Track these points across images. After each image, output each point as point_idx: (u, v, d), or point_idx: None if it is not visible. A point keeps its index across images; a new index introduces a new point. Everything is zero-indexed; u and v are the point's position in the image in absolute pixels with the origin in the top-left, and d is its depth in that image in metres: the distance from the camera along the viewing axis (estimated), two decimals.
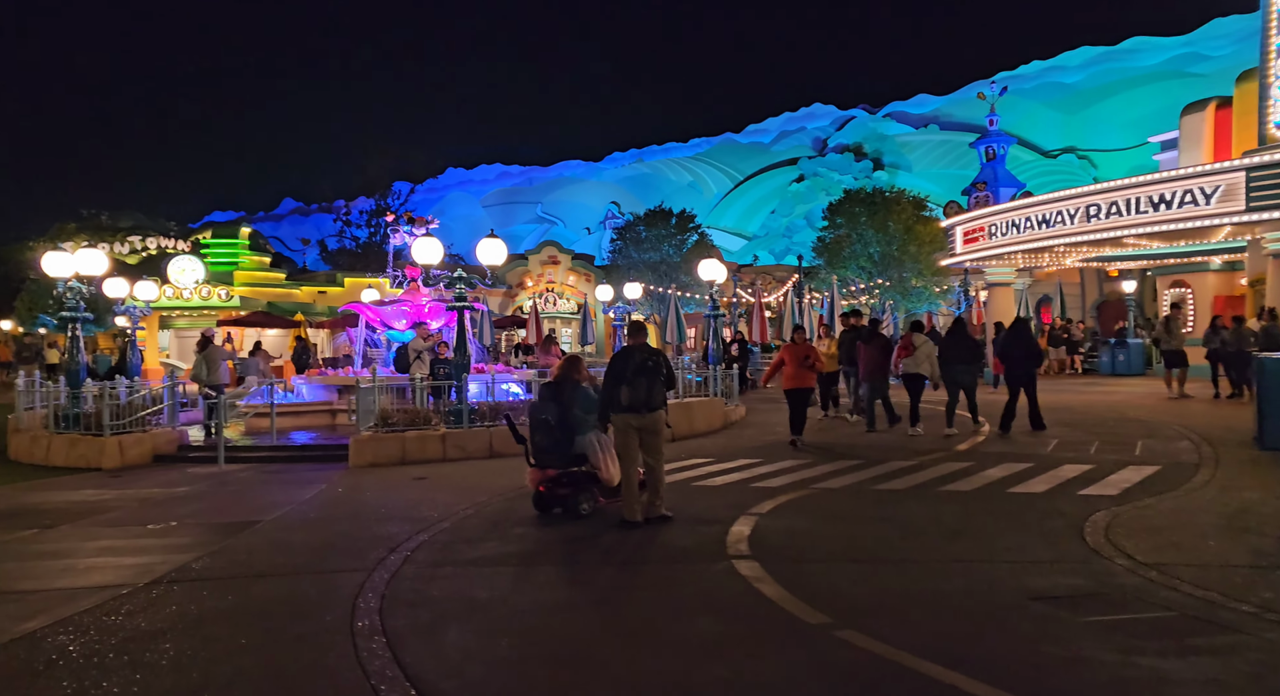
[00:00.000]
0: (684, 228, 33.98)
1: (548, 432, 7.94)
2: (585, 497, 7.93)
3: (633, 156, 78.34)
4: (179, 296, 33.64)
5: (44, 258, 13.00)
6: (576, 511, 7.86)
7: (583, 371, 8.23)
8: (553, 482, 8.03)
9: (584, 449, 7.91)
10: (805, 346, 12.15)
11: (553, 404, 7.96)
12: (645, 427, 7.49)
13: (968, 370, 12.69)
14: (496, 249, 12.61)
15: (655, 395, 7.46)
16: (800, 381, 11.90)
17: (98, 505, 9.34)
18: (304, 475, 11.26)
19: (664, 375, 7.51)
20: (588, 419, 7.92)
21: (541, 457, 8.07)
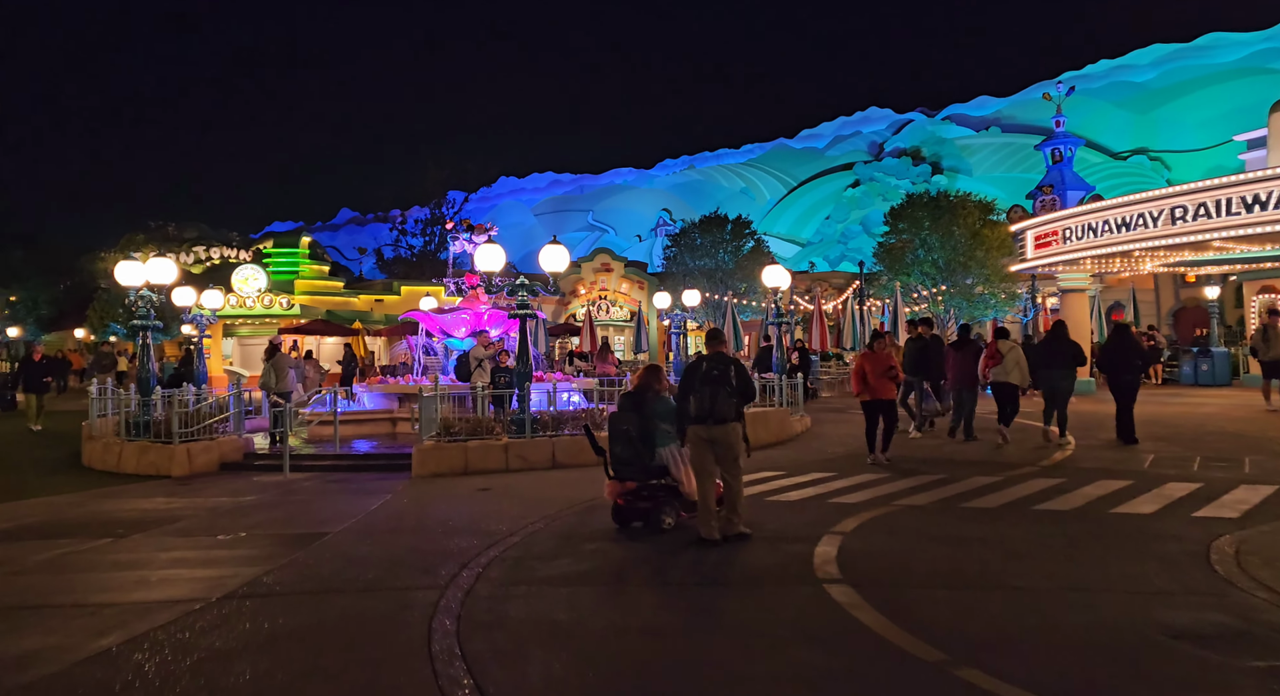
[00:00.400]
0: (739, 234, 33.56)
1: (628, 444, 7.67)
2: (667, 511, 7.64)
3: (684, 163, 78.06)
4: (242, 305, 34.30)
5: (116, 267, 13.19)
6: (658, 526, 7.57)
7: (663, 380, 7.96)
8: (632, 495, 7.76)
9: (665, 461, 7.63)
10: (887, 355, 11.30)
11: (633, 414, 7.69)
12: (717, 440, 7.17)
13: (1067, 375, 12.09)
14: (559, 255, 12.42)
15: (720, 406, 7.11)
16: (879, 392, 11.16)
17: (168, 514, 9.34)
18: (368, 484, 11.18)
19: (732, 385, 7.14)
20: (669, 430, 7.64)
21: (621, 469, 7.81)
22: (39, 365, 19.70)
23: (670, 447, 7.64)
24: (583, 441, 12.24)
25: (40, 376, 19.26)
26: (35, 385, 19.00)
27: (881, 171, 61.23)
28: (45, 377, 19.62)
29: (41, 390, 19.11)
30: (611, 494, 7.86)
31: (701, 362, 7.29)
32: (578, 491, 9.98)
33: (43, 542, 7.97)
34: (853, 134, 68.80)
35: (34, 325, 50.60)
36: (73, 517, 9.32)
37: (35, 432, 17.92)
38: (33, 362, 19.76)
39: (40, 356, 20.37)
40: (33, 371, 19.30)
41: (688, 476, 7.54)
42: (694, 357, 7.63)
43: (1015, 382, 12.11)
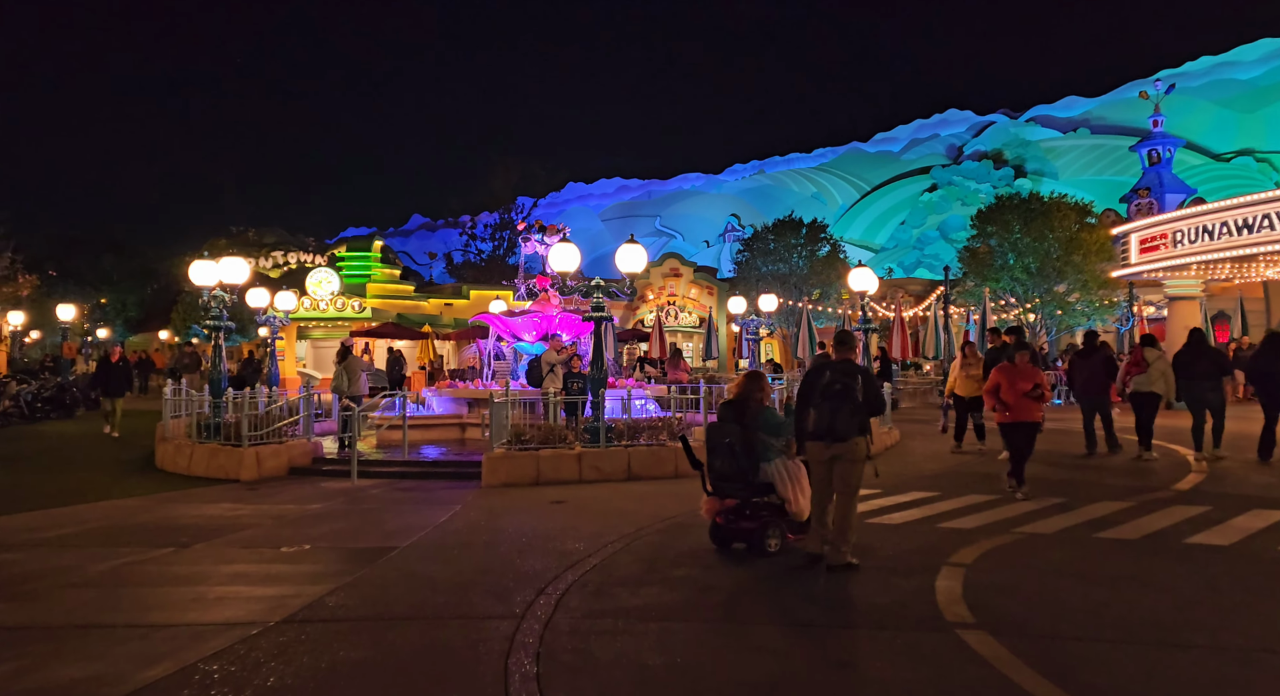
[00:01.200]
0: (815, 238, 32.50)
1: (729, 457, 6.96)
2: (773, 533, 6.90)
3: (754, 168, 76.85)
4: (315, 308, 34.72)
5: (190, 266, 13.08)
6: (762, 548, 6.84)
7: (766, 389, 7.23)
8: (733, 514, 7.06)
9: (770, 477, 6.91)
10: (1032, 370, 9.42)
11: (734, 425, 6.98)
12: (839, 457, 6.42)
13: (1214, 386, 10.96)
14: (636, 256, 11.79)
15: (841, 422, 6.35)
16: (1022, 413, 9.28)
17: (233, 521, 8.99)
18: (437, 494, 10.70)
19: (857, 401, 6.36)
20: (773, 443, 6.91)
21: (720, 485, 7.11)
22: (117, 367, 18.43)
23: (776, 462, 6.92)
24: (660, 452, 11.59)
25: (118, 379, 18.19)
26: (113, 388, 18.00)
27: (960, 175, 59.01)
28: (124, 380, 18.50)
29: (118, 393, 18.06)
30: (709, 511, 7.16)
31: (823, 372, 6.54)
32: (658, 506, 9.31)
33: (105, 550, 7.65)
34: (930, 137, 66.58)
35: (122, 326, 52.47)
36: (138, 523, 9.04)
37: (113, 438, 17.04)
38: (110, 364, 18.45)
39: (119, 357, 18.89)
40: (110, 374, 18.21)
41: (795, 494, 6.82)
42: (815, 363, 6.87)
43: (1159, 393, 11.00)
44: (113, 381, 17.98)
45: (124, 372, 18.59)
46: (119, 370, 18.30)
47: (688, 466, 11.90)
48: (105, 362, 18.71)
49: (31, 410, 20.54)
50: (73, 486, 11.62)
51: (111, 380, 17.99)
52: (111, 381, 17.99)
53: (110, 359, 18.66)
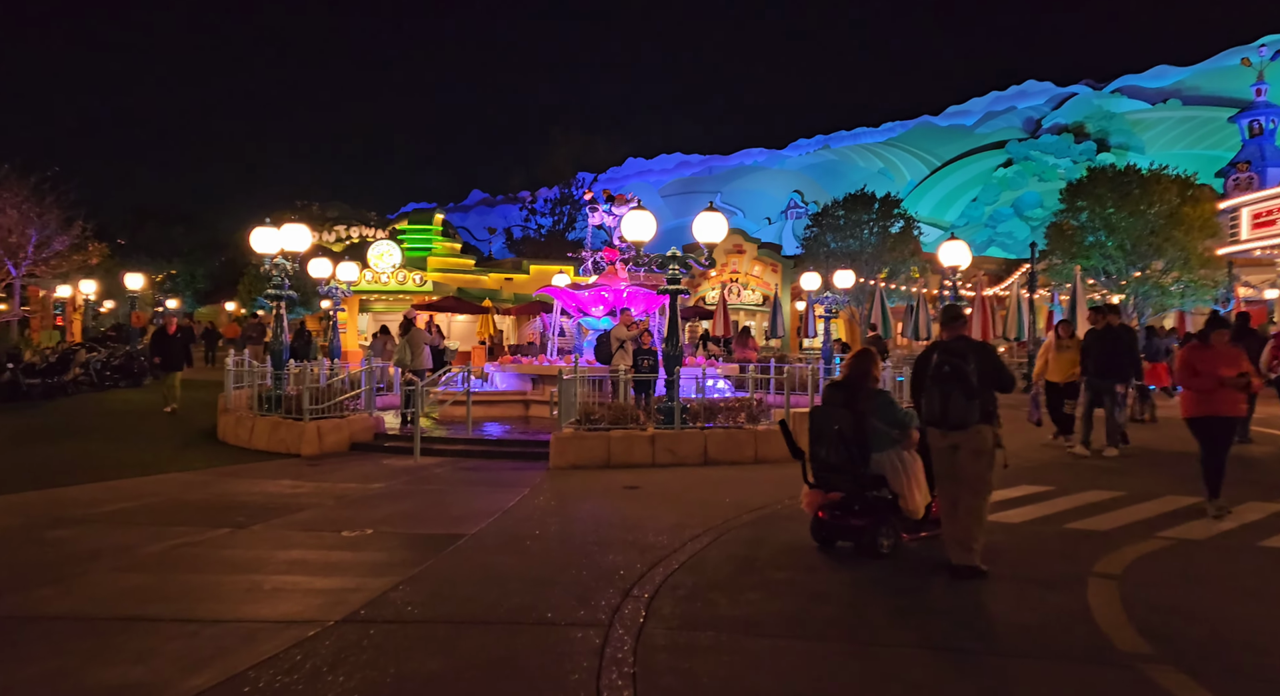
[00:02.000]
0: (888, 213, 31.12)
1: (836, 445, 6.18)
2: (885, 532, 6.11)
3: (819, 143, 74.75)
4: (377, 281, 34.66)
5: (251, 234, 12.68)
6: (873, 549, 6.06)
7: (879, 369, 6.40)
8: (839, 509, 6.29)
9: (882, 468, 6.11)
10: (1235, 352, 7.47)
11: (844, 410, 6.18)
12: (959, 447, 5.60)
13: None
14: (715, 224, 10.96)
15: (954, 408, 5.52)
16: (1220, 406, 7.27)
17: (293, 501, 8.52)
18: (502, 475, 10.12)
19: (970, 382, 5.51)
20: (888, 432, 6.11)
21: (825, 476, 6.34)
22: (174, 340, 16.78)
23: (890, 452, 6.12)
24: (739, 436, 10.82)
25: (175, 352, 16.61)
26: (169, 361, 16.49)
27: (1038, 150, 56.22)
28: (181, 353, 16.87)
29: (176, 367, 16.56)
30: (811, 505, 6.40)
31: (931, 354, 5.71)
32: (741, 495, 8.56)
33: (160, 529, 7.22)
34: (1006, 109, 63.58)
35: (191, 297, 53.58)
36: (196, 499, 8.64)
37: (170, 415, 15.75)
38: (166, 337, 16.83)
39: (176, 329, 17.16)
40: (167, 347, 16.65)
41: (910, 489, 6.01)
42: (929, 345, 6.03)
43: None
44: (169, 355, 16.60)
45: (181, 346, 17.05)
46: (176, 343, 16.84)
47: (768, 451, 11.18)
48: (161, 335, 17.21)
49: (101, 378, 20.67)
50: (134, 458, 11.37)
51: (168, 354, 16.62)
52: (168, 355, 16.61)
53: (167, 330, 17.11)
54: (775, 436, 10.85)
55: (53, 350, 21.14)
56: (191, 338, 30.34)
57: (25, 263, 22.77)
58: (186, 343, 17.80)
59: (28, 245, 22.40)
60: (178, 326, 17.42)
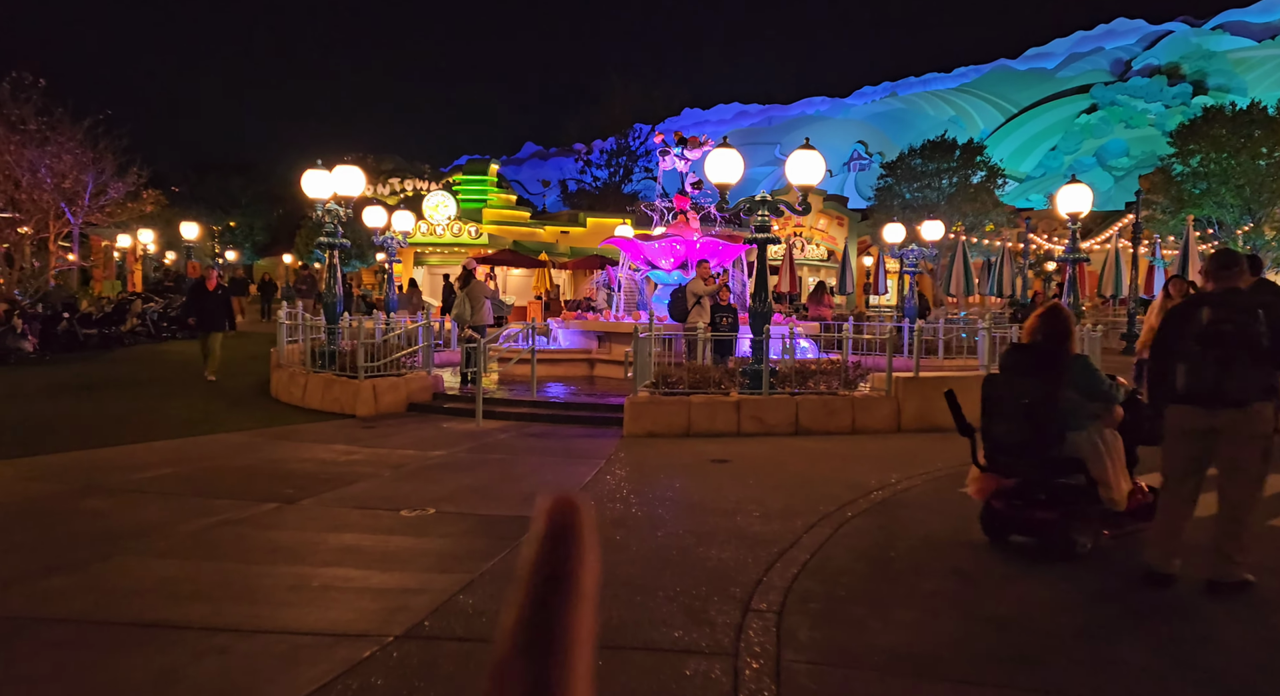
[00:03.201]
0: (969, 161, 29.14)
1: (1018, 421, 5.05)
2: (1082, 528, 5.00)
3: (885, 90, 71.30)
4: (432, 233, 33.98)
5: (303, 178, 11.82)
6: (1066, 547, 4.96)
7: (1075, 331, 5.23)
8: (1018, 498, 5.18)
9: (1079, 451, 4.97)
10: None
11: (1032, 379, 5.03)
12: (1222, 432, 4.40)
13: None
14: (812, 164, 9.70)
15: (1235, 380, 4.29)
16: None
17: (347, 470, 7.71)
18: (573, 443, 9.20)
19: (1256, 345, 4.27)
20: (1088, 406, 4.96)
21: (1001, 458, 5.22)
22: (213, 296, 14.11)
23: (1089, 431, 4.96)
24: (834, 403, 9.71)
25: (214, 311, 14.02)
26: (207, 320, 13.92)
27: (1126, 94, 52.48)
28: (221, 311, 14.21)
29: (215, 327, 13.99)
30: (981, 491, 5.30)
31: (1199, 307, 4.49)
32: (848, 472, 7.50)
33: (200, 502, 6.45)
34: (1092, 50, 59.35)
35: (250, 249, 53.79)
36: (242, 465, 7.89)
37: (211, 382, 13.72)
38: (205, 292, 14.13)
39: (216, 284, 14.33)
40: (204, 304, 14.03)
41: (1116, 475, 4.87)
42: (1187, 299, 4.81)
43: None
44: (207, 313, 13.95)
45: (222, 303, 14.25)
46: (215, 300, 14.11)
47: (867, 420, 10.05)
48: (199, 290, 14.31)
49: (158, 329, 20.36)
50: (183, 414, 10.75)
51: (206, 312, 13.96)
52: (206, 313, 13.96)
53: (205, 286, 14.23)
54: (875, 404, 9.73)
55: (110, 300, 20.87)
56: (243, 290, 29.55)
57: (82, 212, 22.43)
58: (227, 299, 14.54)
59: (84, 191, 22.02)
60: (218, 281, 14.43)
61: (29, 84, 20.46)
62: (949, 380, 10.33)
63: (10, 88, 20.34)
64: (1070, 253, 12.32)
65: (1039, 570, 4.85)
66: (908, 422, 9.70)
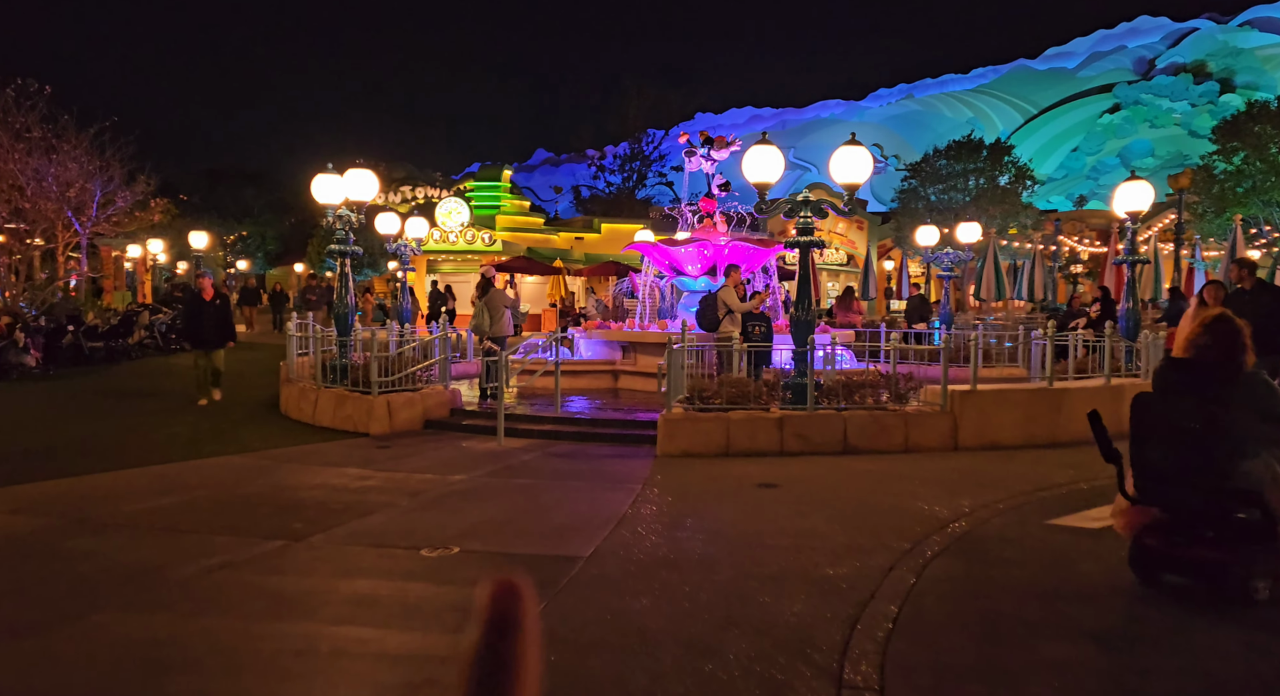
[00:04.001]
0: (997, 162, 28.31)
1: (1180, 446, 4.30)
2: (1260, 571, 4.23)
3: (901, 92, 70.36)
4: (445, 240, 33.40)
5: (313, 182, 11.21)
6: (1242, 593, 4.20)
7: (1249, 344, 4.48)
8: (1178, 534, 4.42)
9: (1254, 481, 4.20)
10: None
11: (1195, 398, 4.29)
12: None
13: None
14: (858, 161, 8.98)
15: None
16: None
17: (360, 498, 7.03)
18: (604, 464, 8.51)
19: None
20: (1264, 430, 4.22)
21: (1156, 488, 4.46)
22: (212, 308, 12.14)
23: (1267, 458, 4.20)
24: (885, 419, 8.96)
25: (213, 325, 12.08)
26: (205, 336, 12.03)
27: (1150, 93, 51.34)
28: (221, 326, 12.30)
29: (214, 344, 12.17)
30: (1130, 526, 4.55)
31: None
32: (913, 498, 6.76)
33: (199, 539, 5.79)
34: (1114, 49, 58.19)
35: (262, 259, 53.42)
36: (247, 493, 7.23)
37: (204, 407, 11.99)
38: (201, 304, 12.18)
39: (214, 295, 12.31)
40: (202, 318, 12.11)
41: None
42: None
43: None
44: (205, 329, 12.07)
45: (221, 316, 12.31)
46: (215, 313, 12.17)
47: (921, 437, 9.30)
48: (194, 302, 12.38)
49: (166, 341, 19.81)
50: (186, 434, 10.13)
51: (203, 327, 12.08)
52: (203, 329, 12.08)
53: (202, 296, 12.25)
54: (929, 420, 8.99)
55: (116, 313, 20.34)
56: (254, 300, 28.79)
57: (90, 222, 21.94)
58: (226, 311, 12.49)
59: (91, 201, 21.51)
60: (215, 290, 12.43)
61: (34, 91, 20.00)
62: (1009, 393, 9.58)
63: (15, 95, 19.88)
64: (1129, 254, 11.54)
65: (1201, 626, 4.09)
66: (966, 440, 8.95)
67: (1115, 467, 4.49)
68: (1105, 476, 6.92)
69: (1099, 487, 6.92)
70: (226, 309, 12.59)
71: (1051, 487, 7.20)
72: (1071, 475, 7.64)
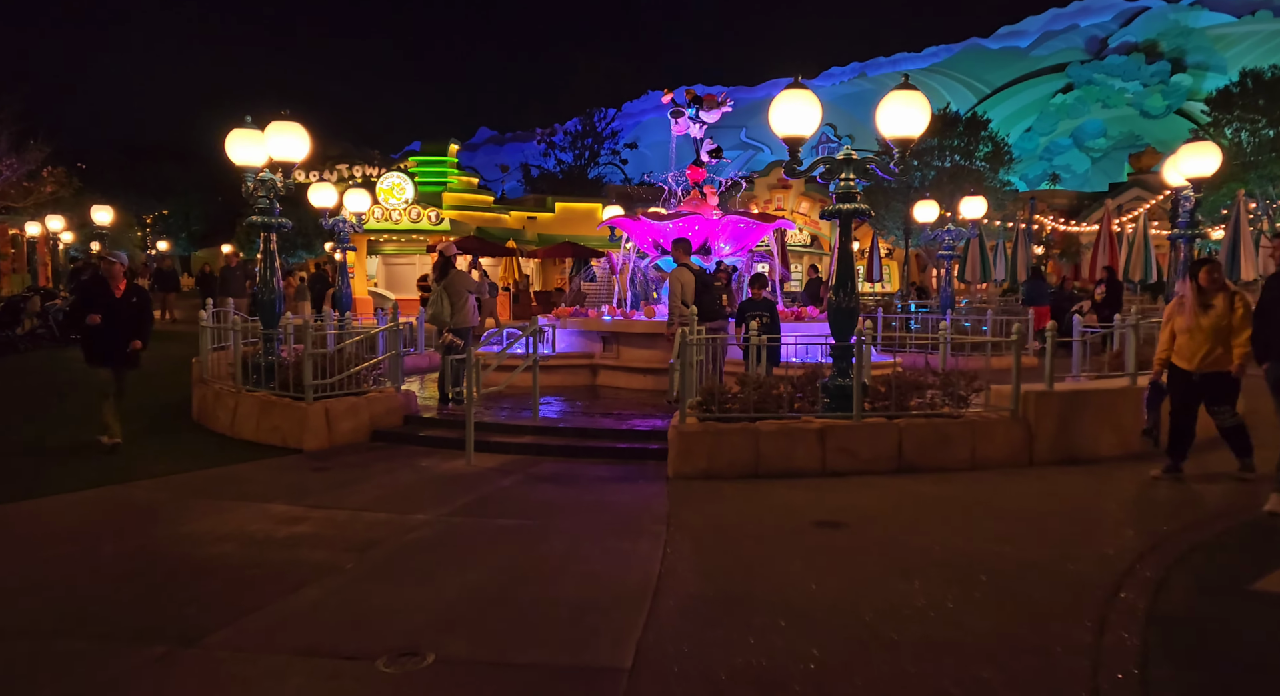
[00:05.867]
0: (975, 136, 27.13)
1: None
2: None
3: (854, 71, 69.12)
4: (387, 218, 30.92)
5: (227, 139, 9.05)
6: None
7: None
8: None
9: None
10: None
11: None
12: None
13: None
14: (913, 111, 7.26)
15: None
16: None
17: (288, 555, 5.10)
18: (605, 492, 6.71)
19: None
20: None
21: None
22: (125, 307, 8.02)
23: None
24: (948, 428, 7.32)
25: (125, 332, 7.96)
26: (110, 349, 7.92)
27: (1103, 72, 51.06)
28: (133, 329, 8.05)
29: (124, 362, 8.06)
30: None
31: None
32: (1033, 545, 5.13)
33: (31, 648, 3.84)
34: (1067, 28, 57.79)
35: (185, 240, 49.89)
36: (128, 552, 5.23)
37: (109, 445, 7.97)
38: (109, 299, 7.96)
39: (125, 289, 8.10)
40: (111, 318, 7.90)
41: None
42: None
43: None
44: (113, 337, 7.88)
45: (138, 320, 8.11)
46: (128, 314, 8.00)
47: (989, 451, 7.58)
48: (97, 295, 8.00)
49: (64, 331, 17.25)
50: (71, 450, 7.99)
51: (112, 335, 7.87)
52: (111, 337, 7.88)
53: (109, 288, 8.00)
54: (996, 428, 7.40)
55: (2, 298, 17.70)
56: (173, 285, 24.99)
57: None
58: (144, 313, 8.24)
59: None
60: (130, 283, 8.20)
61: None
62: (1090, 394, 8.01)
63: None
64: (1186, 227, 10.16)
65: None
66: (1041, 453, 7.39)
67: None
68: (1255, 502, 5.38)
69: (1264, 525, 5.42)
70: (145, 308, 8.24)
71: (1199, 524, 5.64)
72: (1218, 502, 6.13)
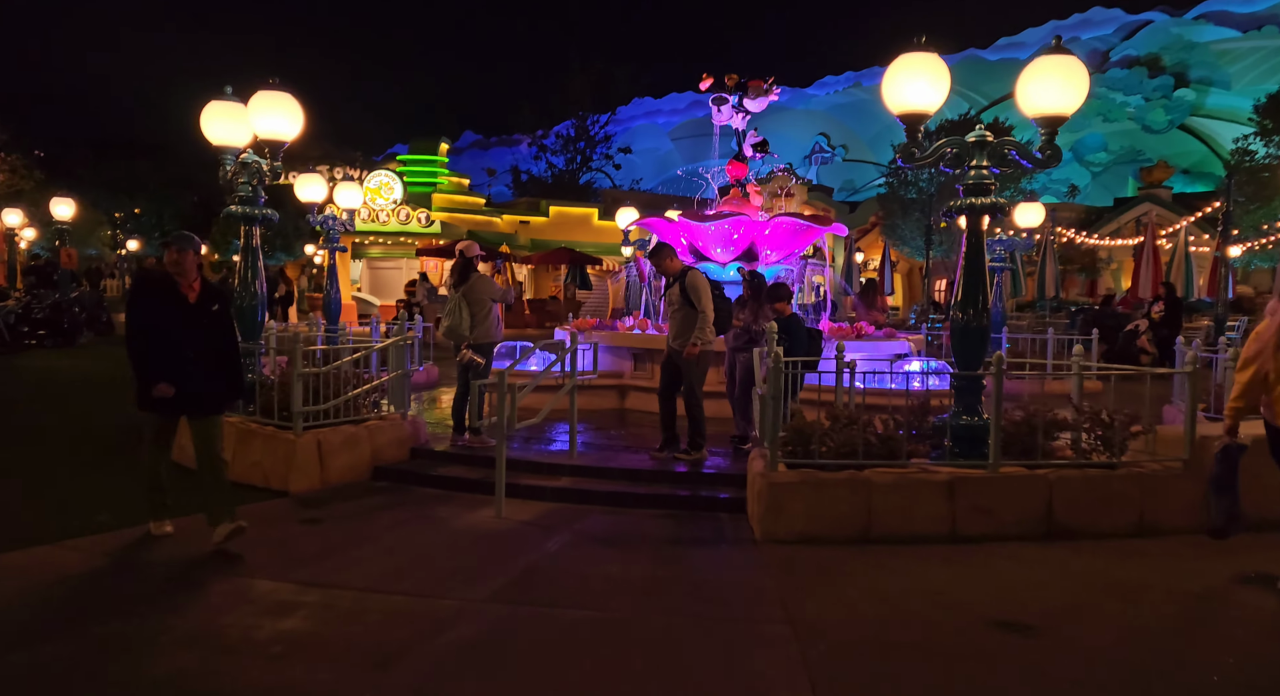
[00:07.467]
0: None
1: None
2: None
3: (849, 80, 68.31)
4: (374, 219, 29.25)
5: (203, 115, 7.46)
6: None
7: None
8: None
9: None
10: None
11: None
12: None
13: None
14: (1070, 82, 5.88)
15: None
16: None
17: (273, 670, 3.54)
18: (683, 562, 5.22)
19: None
20: None
21: None
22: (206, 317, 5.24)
23: None
24: (1110, 484, 5.83)
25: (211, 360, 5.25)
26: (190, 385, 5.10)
27: (1104, 86, 50.38)
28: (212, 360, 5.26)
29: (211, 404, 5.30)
30: None
31: None
32: None
33: None
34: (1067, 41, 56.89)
35: (158, 240, 47.78)
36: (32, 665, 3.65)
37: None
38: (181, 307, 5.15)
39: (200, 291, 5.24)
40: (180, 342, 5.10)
41: None
42: None
43: None
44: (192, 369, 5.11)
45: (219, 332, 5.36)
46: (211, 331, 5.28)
47: (1159, 513, 5.80)
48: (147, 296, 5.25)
49: (16, 336, 15.49)
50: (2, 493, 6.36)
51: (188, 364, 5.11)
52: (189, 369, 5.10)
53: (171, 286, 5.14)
54: (1168, 484, 5.95)
55: None
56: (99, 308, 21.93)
57: None
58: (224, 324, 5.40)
59: None
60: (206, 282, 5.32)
61: None
62: None
63: None
64: None
65: None
66: None
67: None
68: None
69: None
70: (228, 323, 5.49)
71: None
72: None
